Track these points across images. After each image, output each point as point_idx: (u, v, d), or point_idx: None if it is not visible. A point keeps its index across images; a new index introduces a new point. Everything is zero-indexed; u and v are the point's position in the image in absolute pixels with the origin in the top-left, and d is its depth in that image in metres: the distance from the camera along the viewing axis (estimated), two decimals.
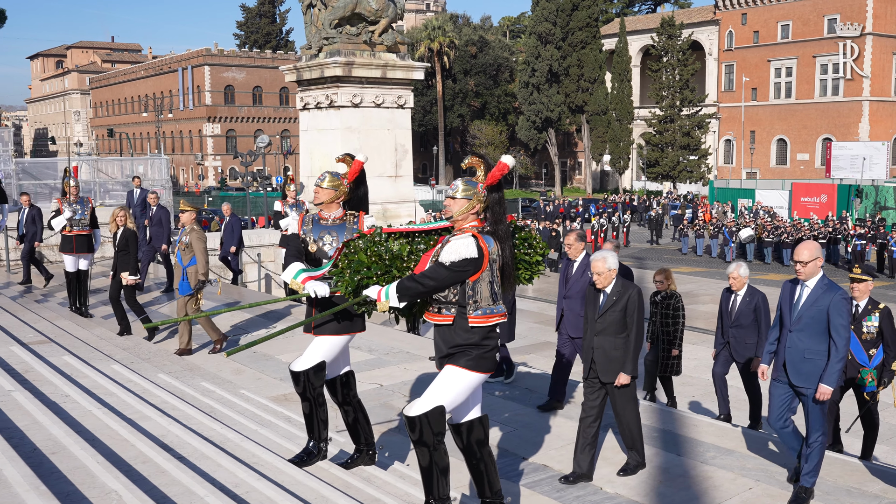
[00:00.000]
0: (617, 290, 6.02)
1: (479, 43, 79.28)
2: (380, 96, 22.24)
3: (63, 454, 4.57)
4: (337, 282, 4.82)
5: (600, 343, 6.04)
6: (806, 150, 62.86)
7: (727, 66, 67.77)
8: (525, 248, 5.08)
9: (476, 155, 4.77)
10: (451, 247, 4.45)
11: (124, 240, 10.28)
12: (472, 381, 4.55)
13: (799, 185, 42.84)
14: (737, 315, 8.10)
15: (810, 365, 5.68)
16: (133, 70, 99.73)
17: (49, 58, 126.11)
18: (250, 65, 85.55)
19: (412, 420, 4.47)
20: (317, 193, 5.46)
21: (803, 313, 5.71)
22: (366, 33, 21.90)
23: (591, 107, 64.39)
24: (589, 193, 66.72)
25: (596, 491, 5.88)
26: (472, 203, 4.54)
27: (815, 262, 5.65)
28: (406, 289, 4.49)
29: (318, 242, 5.39)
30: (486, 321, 4.52)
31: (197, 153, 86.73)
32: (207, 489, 4.28)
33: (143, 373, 7.56)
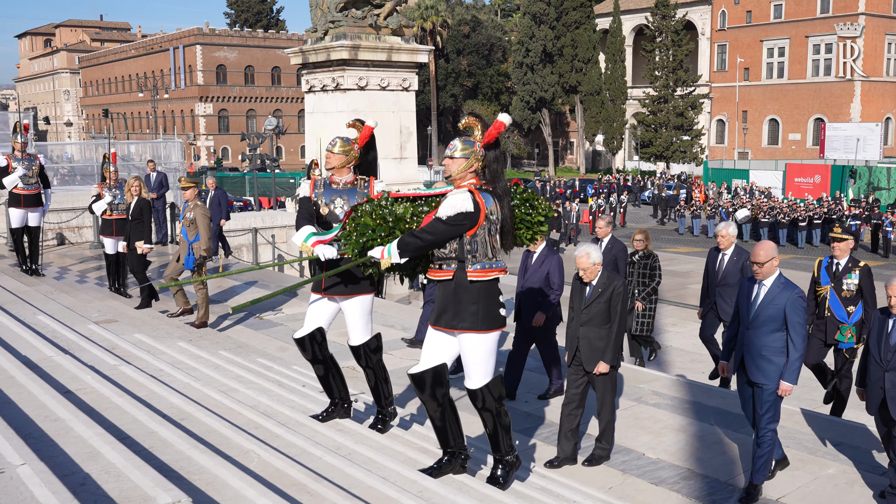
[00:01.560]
0: (602, 282, 6.24)
1: (472, 22, 79.01)
2: (385, 79, 22.38)
3: (141, 429, 4.81)
4: (344, 244, 4.98)
5: (585, 333, 6.24)
6: (798, 130, 63.17)
7: (720, 45, 67.86)
8: (526, 209, 5.18)
9: (472, 114, 4.91)
10: (449, 202, 4.62)
11: (138, 209, 10.57)
12: (492, 341, 4.83)
13: (793, 166, 43.19)
14: (724, 274, 8.19)
15: (768, 362, 5.81)
16: (124, 49, 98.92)
17: (37, 36, 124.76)
18: (242, 44, 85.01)
19: (474, 392, 4.86)
20: (328, 158, 5.63)
21: (760, 311, 5.84)
22: (371, 17, 22.01)
23: (584, 87, 64.46)
24: (582, 174, 66.91)
25: (640, 457, 6.41)
26: (469, 162, 4.69)
27: (771, 262, 5.80)
28: (406, 244, 4.64)
29: (329, 205, 5.55)
30: (484, 275, 4.70)
31: (189, 133, 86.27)
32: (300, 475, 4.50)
33: (205, 349, 7.83)
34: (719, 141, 67.82)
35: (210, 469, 4.06)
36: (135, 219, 10.59)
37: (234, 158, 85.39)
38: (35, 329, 7.37)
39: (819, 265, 7.68)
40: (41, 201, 11.97)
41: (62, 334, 7.34)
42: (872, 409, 5.82)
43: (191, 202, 9.86)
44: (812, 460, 6.37)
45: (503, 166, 4.85)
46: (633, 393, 8.03)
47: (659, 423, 7.08)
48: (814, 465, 6.30)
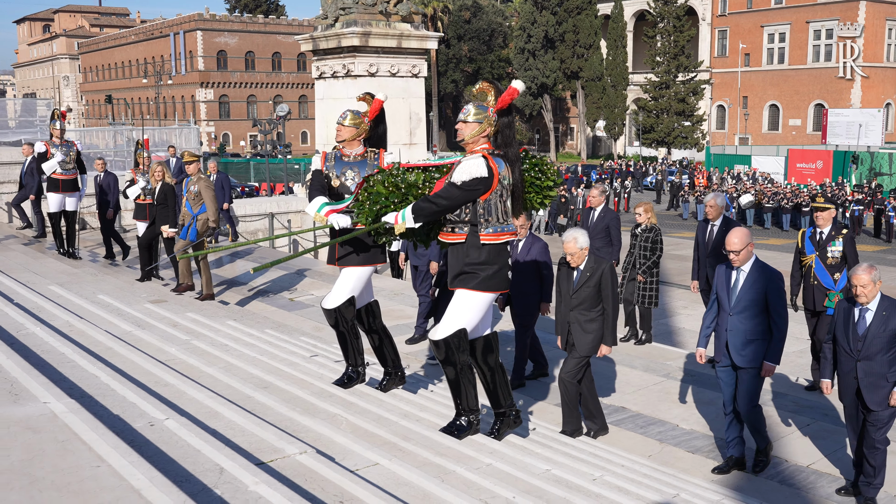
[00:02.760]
0: (590, 266, 6.31)
1: (473, 8, 79.05)
2: (395, 66, 22.74)
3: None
4: (357, 214, 5.07)
5: (576, 317, 6.34)
6: (798, 115, 63.43)
7: (720, 31, 67.99)
8: (535, 173, 5.27)
9: (486, 80, 4.97)
10: (462, 167, 4.69)
11: (163, 194, 10.85)
12: (484, 301, 4.88)
13: (795, 152, 43.54)
14: (714, 245, 8.22)
15: (753, 346, 5.90)
16: (123, 35, 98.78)
17: (36, 22, 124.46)
18: (242, 30, 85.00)
19: (437, 343, 4.88)
20: (339, 131, 5.69)
21: (742, 296, 5.91)
22: (381, 3, 22.36)
23: (586, 73, 64.63)
24: (584, 159, 67.22)
25: (674, 427, 6.81)
26: (482, 127, 4.74)
27: (746, 248, 5.89)
28: (420, 209, 4.71)
29: (340, 178, 5.64)
30: (497, 238, 4.78)
31: (189, 118, 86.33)
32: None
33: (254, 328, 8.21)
34: (720, 126, 68.08)
35: (313, 428, 4.48)
36: (160, 203, 10.89)
37: (235, 144, 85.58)
38: (102, 306, 7.78)
39: (803, 235, 7.76)
40: (78, 186, 12.34)
41: (128, 312, 7.75)
42: (847, 398, 5.84)
43: (193, 176, 10.03)
44: (837, 430, 6.78)
45: (515, 132, 4.90)
46: (662, 369, 8.47)
47: (689, 396, 7.47)
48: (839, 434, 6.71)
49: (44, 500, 2.69)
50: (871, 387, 5.62)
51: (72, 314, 6.62)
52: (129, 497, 2.73)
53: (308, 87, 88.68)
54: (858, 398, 5.70)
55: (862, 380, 5.63)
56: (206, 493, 2.98)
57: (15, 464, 2.95)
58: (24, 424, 3.33)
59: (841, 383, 5.85)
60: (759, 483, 6.16)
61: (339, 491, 3.47)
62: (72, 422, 3.36)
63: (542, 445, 5.80)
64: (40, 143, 12.26)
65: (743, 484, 6.15)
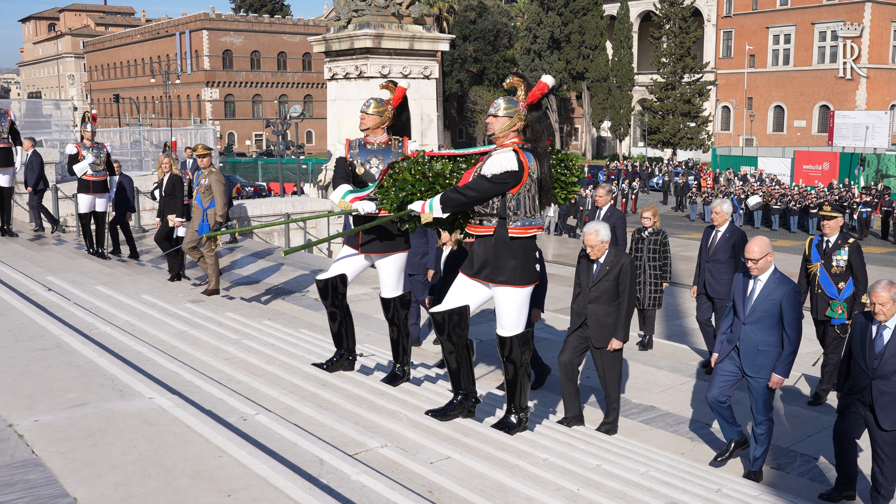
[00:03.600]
0: (610, 259, 6.25)
1: (478, 8, 79.29)
2: (407, 67, 23.02)
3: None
4: (382, 200, 5.04)
5: (594, 311, 6.27)
6: (803, 117, 63.67)
7: (725, 32, 68.24)
8: (561, 169, 5.29)
9: (517, 74, 4.95)
10: (494, 160, 4.70)
11: (171, 185, 10.96)
12: (526, 296, 4.95)
13: (801, 153, 43.75)
14: (715, 250, 8.18)
15: (764, 357, 5.86)
16: (129, 34, 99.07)
17: (41, 20, 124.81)
18: (248, 29, 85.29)
19: (504, 340, 4.99)
20: (362, 119, 5.68)
21: (757, 306, 5.86)
22: (394, 5, 22.64)
23: (591, 73, 64.88)
24: (589, 160, 67.44)
25: (703, 426, 7.00)
26: (513, 121, 4.75)
27: (766, 257, 5.82)
28: (449, 199, 4.73)
29: (364, 165, 5.63)
30: (524, 232, 4.80)
31: (195, 118, 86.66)
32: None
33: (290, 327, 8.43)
34: (724, 128, 68.32)
35: (381, 423, 4.72)
36: (167, 194, 10.99)
37: (240, 143, 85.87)
38: (150, 305, 8.03)
39: (810, 243, 7.69)
40: (108, 187, 12.58)
41: (175, 312, 7.99)
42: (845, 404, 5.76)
43: (205, 169, 10.00)
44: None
45: (544, 126, 4.89)
46: (686, 370, 8.68)
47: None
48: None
49: (181, 486, 2.94)
50: (885, 406, 5.50)
51: (128, 314, 6.86)
52: (258, 484, 2.98)
53: (313, 87, 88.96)
54: (872, 413, 5.56)
55: (876, 399, 5.51)
56: (316, 482, 3.23)
57: (143, 454, 3.20)
58: (139, 418, 3.58)
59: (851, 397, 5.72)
60: (791, 480, 6.40)
61: (425, 482, 3.71)
62: (182, 416, 3.61)
63: (585, 443, 6.05)
64: (71, 145, 12.50)
65: (776, 481, 6.38)
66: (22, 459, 3.11)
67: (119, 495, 2.84)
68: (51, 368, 4.29)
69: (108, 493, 2.86)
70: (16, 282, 6.92)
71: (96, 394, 3.90)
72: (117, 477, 2.99)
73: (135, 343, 5.30)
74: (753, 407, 6.05)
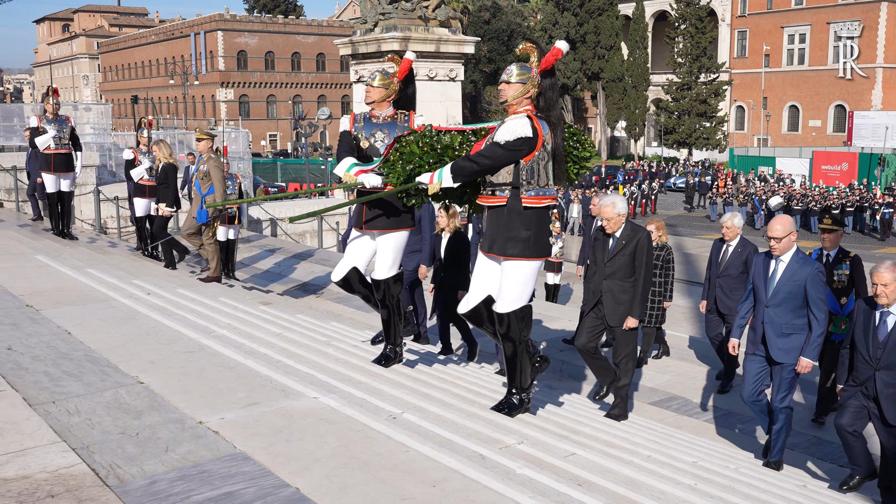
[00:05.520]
0: (626, 234, 6.06)
1: (492, 8, 79.49)
2: (433, 70, 23.38)
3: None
4: (388, 174, 4.91)
5: (609, 287, 6.09)
6: (818, 116, 63.73)
7: (740, 32, 68.34)
8: (574, 143, 5.16)
9: (529, 40, 4.84)
10: (507, 127, 4.54)
11: (164, 173, 11.10)
12: (535, 269, 4.76)
13: (820, 153, 43.91)
14: (726, 265, 8.00)
15: (790, 339, 5.72)
16: (144, 34, 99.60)
17: (56, 21, 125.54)
18: (262, 30, 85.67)
19: (501, 317, 4.75)
20: (368, 92, 5.54)
21: (780, 288, 5.70)
22: (420, 9, 22.99)
23: (607, 73, 65.10)
24: (604, 160, 67.68)
25: (728, 413, 7.27)
26: (525, 87, 4.62)
27: (788, 237, 5.68)
28: (461, 168, 4.55)
29: (369, 139, 5.48)
30: (539, 202, 4.63)
31: (210, 118, 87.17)
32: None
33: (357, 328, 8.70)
34: (739, 127, 68.41)
35: (500, 421, 5.02)
36: (161, 182, 11.09)
37: (255, 144, 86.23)
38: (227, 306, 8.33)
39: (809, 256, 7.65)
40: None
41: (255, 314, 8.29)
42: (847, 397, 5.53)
43: (204, 154, 9.91)
44: None
45: (558, 94, 4.78)
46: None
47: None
48: None
49: (386, 478, 3.24)
50: (891, 399, 5.21)
51: (221, 315, 7.16)
52: (454, 476, 3.28)
53: (326, 87, 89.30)
54: (877, 406, 5.31)
55: (881, 391, 5.22)
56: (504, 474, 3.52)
57: (336, 449, 3.50)
58: (314, 416, 3.88)
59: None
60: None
61: (571, 476, 4.00)
62: (352, 414, 3.91)
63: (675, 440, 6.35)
64: (129, 151, 12.84)
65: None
66: (228, 453, 3.41)
67: (334, 486, 3.14)
68: (207, 370, 4.60)
69: (324, 483, 3.16)
70: (117, 288, 7.24)
71: (262, 394, 4.21)
72: (324, 469, 3.29)
73: (255, 344, 5.60)
74: (774, 391, 5.88)
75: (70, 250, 10.27)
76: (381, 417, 4.07)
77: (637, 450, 5.38)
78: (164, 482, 3.13)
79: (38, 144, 11.89)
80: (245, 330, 6.67)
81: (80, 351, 4.88)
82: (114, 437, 3.58)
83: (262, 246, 16.51)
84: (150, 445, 3.47)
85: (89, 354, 4.81)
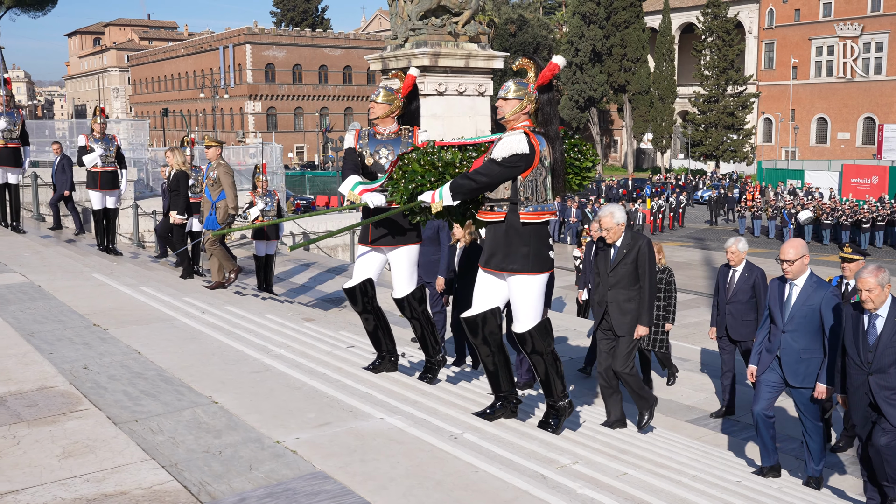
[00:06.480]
0: (627, 242, 6.11)
1: (519, 21, 79.86)
2: (462, 84, 23.66)
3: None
4: (392, 192, 4.96)
5: (614, 297, 6.15)
6: (847, 129, 63.41)
7: (767, 44, 68.20)
8: (575, 154, 5.16)
9: (526, 56, 4.85)
10: (504, 143, 4.57)
11: (175, 181, 11.27)
12: (541, 283, 4.78)
13: (849, 167, 43.70)
14: (734, 291, 7.95)
15: (807, 365, 5.73)
16: (173, 48, 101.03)
17: (87, 35, 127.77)
18: (290, 43, 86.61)
19: (522, 336, 4.84)
20: (372, 108, 5.55)
21: (795, 313, 5.70)
22: (450, 24, 23.29)
23: (633, 86, 65.19)
24: (630, 172, 67.66)
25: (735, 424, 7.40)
26: (523, 103, 4.66)
27: (801, 260, 5.66)
28: (459, 186, 4.60)
29: (374, 156, 5.48)
30: (537, 217, 4.66)
31: (238, 130, 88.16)
32: None
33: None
34: (766, 140, 68.20)
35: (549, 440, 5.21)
36: (172, 190, 11.23)
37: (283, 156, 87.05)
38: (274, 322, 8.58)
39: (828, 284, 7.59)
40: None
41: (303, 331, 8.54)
42: (858, 416, 5.41)
43: (214, 161, 9.96)
44: None
45: (556, 109, 4.81)
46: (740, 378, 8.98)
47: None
48: None
49: (460, 498, 3.44)
50: (888, 402, 5.14)
51: (275, 334, 7.40)
52: (524, 497, 3.47)
53: (353, 100, 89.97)
54: (876, 412, 5.23)
55: (877, 394, 5.16)
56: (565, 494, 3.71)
57: (410, 469, 3.71)
58: (384, 437, 4.09)
59: (851, 399, 5.42)
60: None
61: (627, 495, 4.17)
62: (419, 434, 4.12)
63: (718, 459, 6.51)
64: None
65: None
66: (309, 472, 3.63)
67: None
68: (275, 390, 4.83)
69: (402, 502, 3.37)
70: (172, 306, 7.51)
71: (331, 414, 4.43)
72: (401, 488, 3.49)
73: (313, 364, 5.83)
74: (803, 420, 5.94)
75: (119, 267, 10.58)
76: (444, 437, 4.26)
77: (683, 469, 5.55)
78: (252, 499, 3.35)
79: (86, 163, 12.19)
80: (298, 349, 6.89)
81: (153, 371, 5.12)
82: (199, 455, 3.80)
83: (297, 260, 16.82)
84: (235, 464, 3.69)
85: (162, 374, 5.05)
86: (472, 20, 23.80)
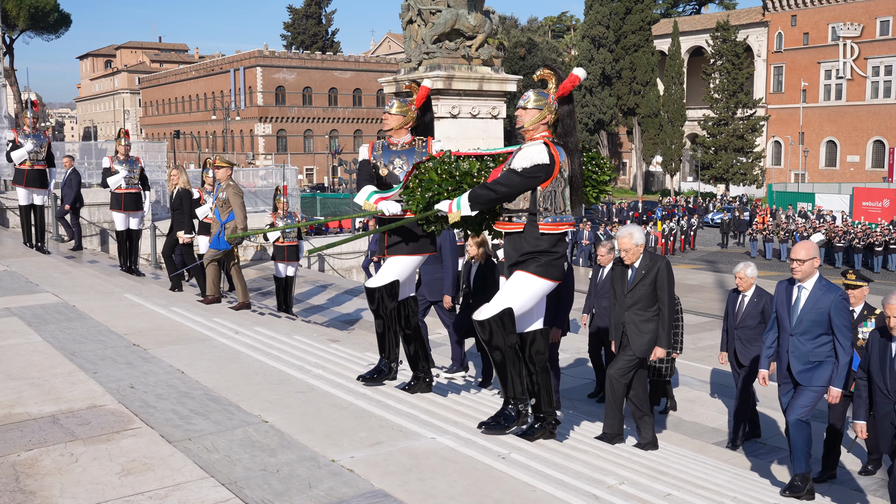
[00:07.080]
0: (645, 263, 6.07)
1: (528, 44, 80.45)
2: (476, 107, 23.83)
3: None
4: (408, 201, 4.94)
5: (631, 318, 6.10)
6: (856, 152, 63.48)
7: (776, 67, 68.46)
8: (592, 167, 5.22)
9: (547, 67, 4.82)
10: (524, 153, 4.54)
11: (178, 199, 11.27)
12: (540, 288, 4.70)
13: (860, 190, 43.74)
14: (743, 316, 7.95)
15: (816, 368, 5.69)
16: (184, 70, 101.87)
17: (98, 57, 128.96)
18: (301, 66, 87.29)
19: (482, 323, 4.66)
20: (385, 120, 5.60)
21: (804, 316, 5.67)
22: (464, 48, 23.50)
23: (642, 109, 65.46)
24: (640, 195, 67.76)
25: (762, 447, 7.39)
26: (542, 113, 4.64)
27: (812, 261, 5.64)
28: (478, 196, 4.56)
29: (388, 167, 5.50)
30: (555, 228, 4.62)
31: (248, 153, 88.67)
32: None
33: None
34: (776, 163, 68.29)
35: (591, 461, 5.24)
36: (175, 209, 11.23)
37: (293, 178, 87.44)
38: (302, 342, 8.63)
39: None
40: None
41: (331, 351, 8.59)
42: (885, 446, 5.34)
43: (223, 182, 10.01)
44: None
45: (575, 121, 4.79)
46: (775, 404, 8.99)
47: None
48: None
49: None
50: None
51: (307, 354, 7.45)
52: None
53: (363, 122, 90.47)
54: None
55: None
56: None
57: (467, 487, 3.75)
58: (438, 456, 4.13)
59: (878, 427, 5.38)
60: None
61: None
62: (471, 454, 4.16)
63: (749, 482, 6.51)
64: (195, 191, 13.29)
65: None
66: (368, 490, 3.67)
67: None
68: (322, 410, 4.88)
69: None
70: (206, 326, 7.57)
71: (382, 433, 4.47)
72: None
73: (352, 384, 5.87)
74: (790, 406, 5.84)
75: (145, 287, 10.66)
76: (494, 457, 4.30)
77: (722, 491, 5.57)
78: None
79: (110, 184, 12.29)
80: (333, 369, 6.95)
81: (199, 390, 5.18)
82: (256, 473, 3.85)
83: (314, 282, 16.86)
84: (294, 482, 3.74)
85: (209, 394, 5.10)
86: (486, 44, 24.02)
